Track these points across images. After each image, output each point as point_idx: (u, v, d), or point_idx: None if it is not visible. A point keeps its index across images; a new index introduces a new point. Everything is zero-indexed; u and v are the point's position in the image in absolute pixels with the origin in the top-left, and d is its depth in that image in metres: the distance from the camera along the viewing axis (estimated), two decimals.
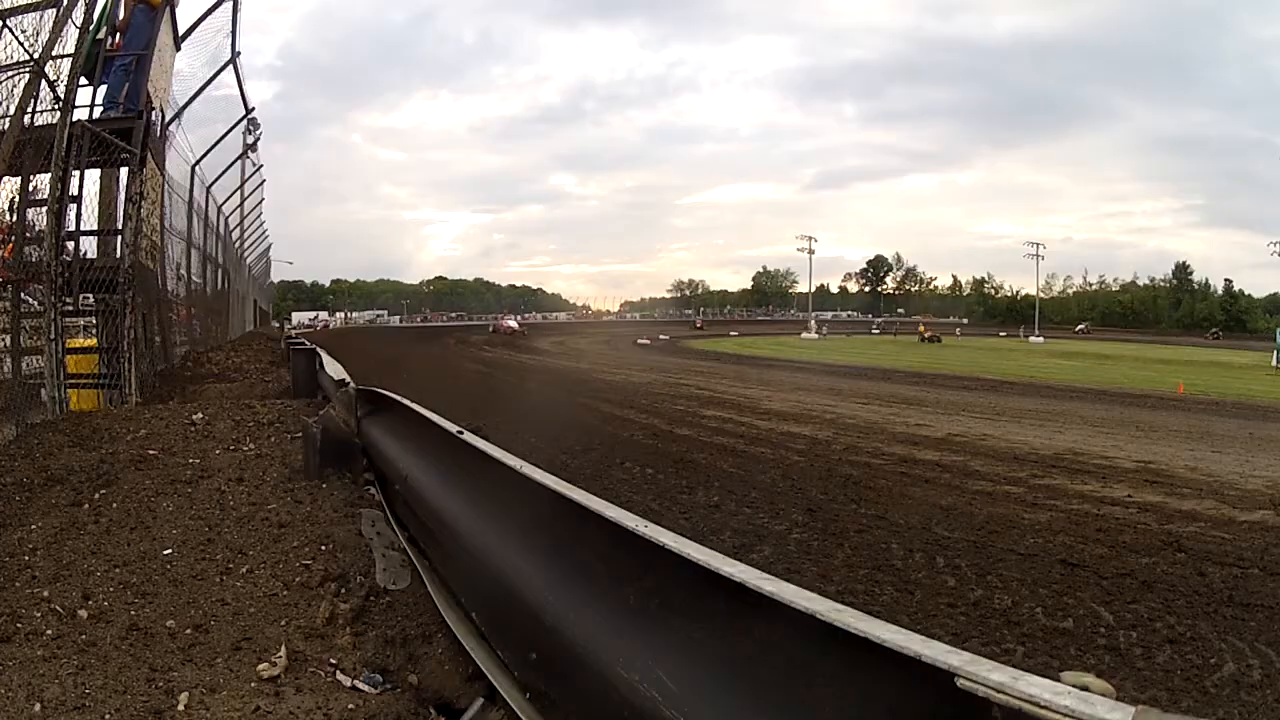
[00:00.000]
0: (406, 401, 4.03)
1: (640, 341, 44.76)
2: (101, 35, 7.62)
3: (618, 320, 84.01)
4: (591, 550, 1.86)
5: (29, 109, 6.20)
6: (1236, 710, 3.22)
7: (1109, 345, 51.24)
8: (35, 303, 7.03)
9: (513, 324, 56.38)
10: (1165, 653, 3.72)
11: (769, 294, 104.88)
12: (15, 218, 6.58)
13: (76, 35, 6.92)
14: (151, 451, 4.89)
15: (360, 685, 2.48)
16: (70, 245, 7.28)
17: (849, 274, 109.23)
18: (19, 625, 2.64)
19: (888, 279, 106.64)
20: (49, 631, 2.63)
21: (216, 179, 14.65)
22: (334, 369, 6.79)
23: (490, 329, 54.27)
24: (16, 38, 6.13)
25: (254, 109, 14.11)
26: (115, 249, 7.91)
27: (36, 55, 6.25)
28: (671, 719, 1.39)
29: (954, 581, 4.65)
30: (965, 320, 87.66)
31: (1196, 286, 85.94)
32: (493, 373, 21.94)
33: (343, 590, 3.14)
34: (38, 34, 6.32)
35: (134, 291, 7.67)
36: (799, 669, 1.29)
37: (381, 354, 25.27)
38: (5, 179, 6.17)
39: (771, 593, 1.32)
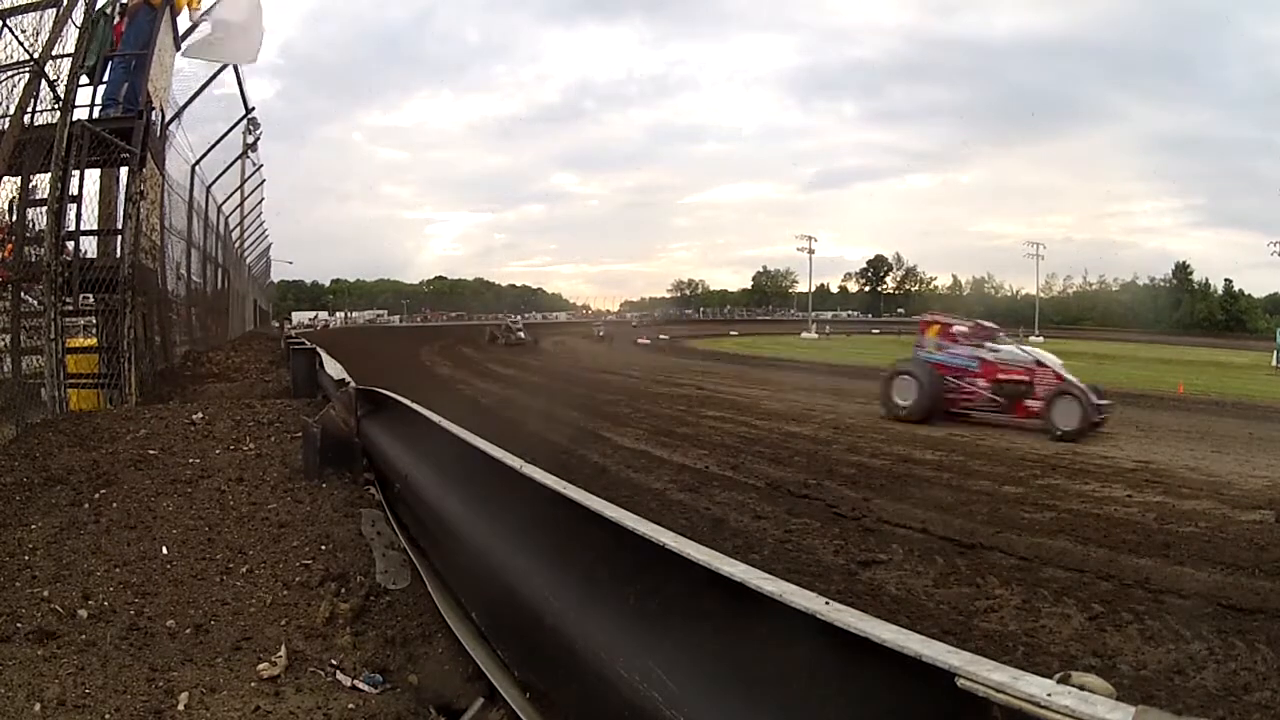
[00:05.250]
0: (406, 401, 4.03)
1: (640, 341, 44.75)
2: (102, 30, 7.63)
3: (618, 320, 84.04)
4: (592, 550, 1.86)
5: (29, 109, 6.20)
6: (1237, 710, 3.22)
7: (1109, 345, 51.24)
8: (35, 303, 7.03)
9: None
10: (1167, 653, 3.72)
11: (769, 294, 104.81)
12: (15, 218, 6.58)
13: (76, 35, 6.93)
14: (151, 451, 4.89)
15: (360, 685, 2.48)
16: (70, 245, 7.28)
17: (849, 274, 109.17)
18: (19, 625, 2.65)
19: (888, 279, 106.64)
20: (49, 631, 2.63)
21: (216, 179, 14.65)
22: (334, 369, 6.79)
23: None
24: (16, 38, 6.14)
25: (254, 108, 14.11)
26: (115, 249, 7.91)
27: (36, 55, 6.25)
28: (671, 719, 1.39)
29: (954, 581, 4.65)
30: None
31: (1196, 286, 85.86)
32: (493, 371, 21.92)
33: (343, 590, 3.14)
34: (38, 34, 6.33)
35: (134, 291, 7.67)
36: (799, 668, 1.29)
37: (382, 352, 25.35)
38: (5, 179, 6.17)
39: (772, 592, 1.32)
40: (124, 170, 8.03)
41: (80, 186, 7.22)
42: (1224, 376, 25.07)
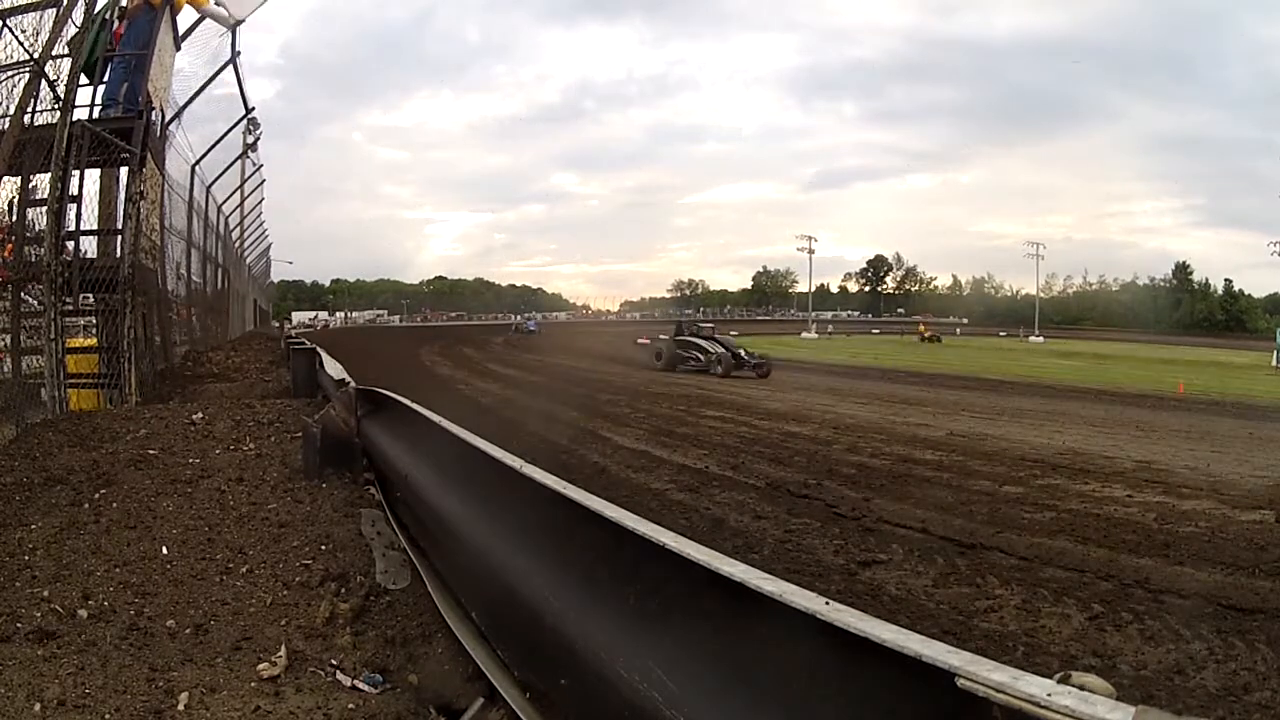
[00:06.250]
0: (406, 401, 4.03)
1: (640, 341, 44.78)
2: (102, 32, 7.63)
3: (618, 320, 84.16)
4: (592, 550, 1.86)
5: (29, 109, 6.20)
6: (1237, 710, 3.22)
7: (1109, 345, 51.24)
8: (35, 303, 7.03)
9: None
10: (1167, 653, 3.72)
11: (769, 294, 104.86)
12: (15, 218, 6.58)
13: (76, 35, 6.93)
14: (151, 451, 4.89)
15: (360, 685, 2.48)
16: (70, 245, 7.29)
17: (849, 274, 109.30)
18: (19, 625, 2.65)
19: (888, 279, 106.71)
20: (49, 631, 2.63)
21: (216, 179, 14.66)
22: (334, 369, 6.79)
23: None
24: (16, 38, 6.14)
25: (254, 108, 14.11)
26: (115, 249, 7.92)
27: (36, 55, 6.26)
28: (671, 719, 1.39)
29: (954, 581, 4.65)
30: (965, 320, 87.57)
31: (1196, 286, 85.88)
32: (494, 370, 21.94)
33: (343, 590, 3.14)
34: (38, 34, 6.33)
35: (134, 291, 7.68)
36: (799, 668, 1.29)
37: (382, 352, 25.38)
38: (5, 179, 6.17)
39: (771, 592, 1.32)
40: (124, 170, 8.04)
41: (80, 186, 7.23)
42: (1224, 376, 25.08)
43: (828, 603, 1.25)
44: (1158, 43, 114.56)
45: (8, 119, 5.97)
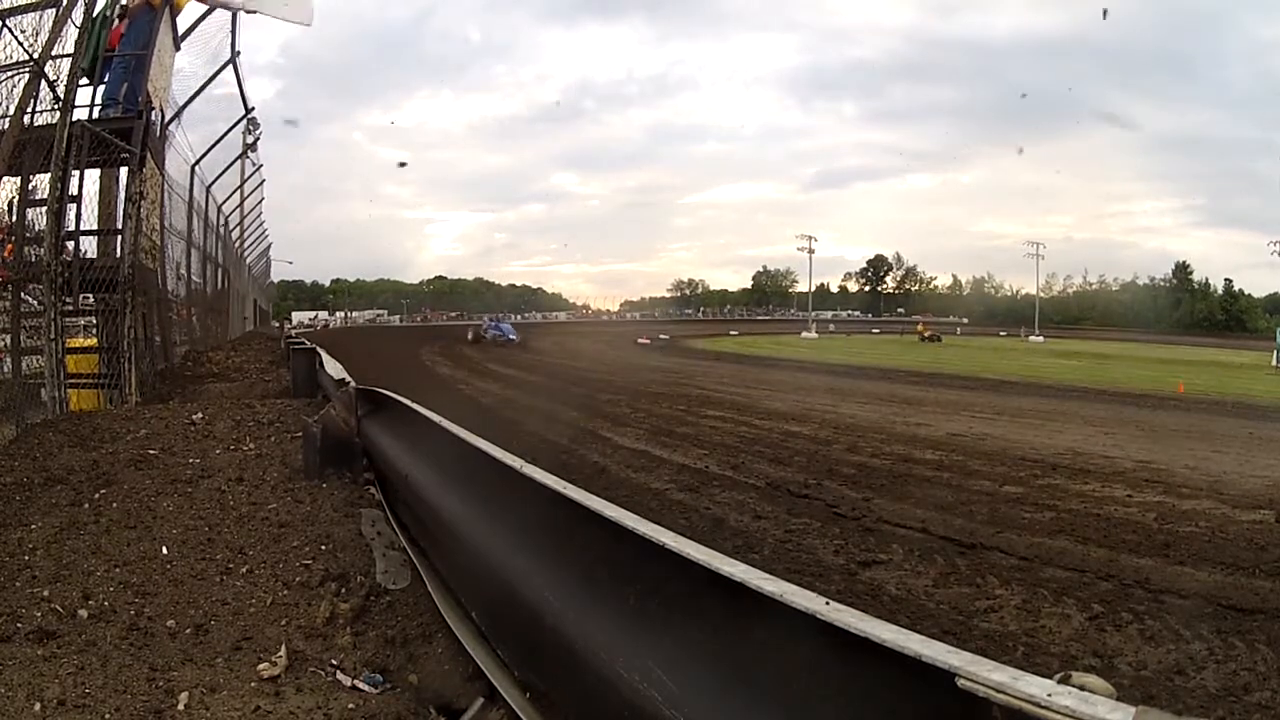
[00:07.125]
0: (406, 401, 4.03)
1: (640, 341, 44.81)
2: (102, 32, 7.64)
3: (618, 320, 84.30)
4: (591, 550, 1.86)
5: (29, 109, 6.21)
6: (1237, 710, 3.22)
7: (1109, 345, 51.24)
8: (35, 303, 7.04)
9: None
10: (1167, 653, 3.72)
11: (769, 294, 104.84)
12: (15, 218, 6.58)
13: (76, 35, 6.94)
14: (151, 451, 4.89)
15: (360, 685, 2.48)
16: (70, 245, 7.29)
17: (849, 274, 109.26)
18: (19, 625, 2.65)
19: (888, 279, 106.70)
20: (49, 631, 2.63)
21: (216, 178, 14.67)
22: (334, 369, 6.79)
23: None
24: (16, 38, 6.14)
25: (254, 108, 14.12)
26: (115, 249, 7.92)
27: (36, 55, 6.26)
28: (671, 719, 1.39)
29: (954, 581, 4.65)
30: (965, 320, 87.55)
31: (1196, 286, 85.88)
32: (493, 370, 21.94)
33: (343, 590, 3.14)
34: (38, 34, 6.34)
35: (134, 291, 7.68)
36: (799, 668, 1.29)
37: (382, 352, 25.42)
38: (5, 179, 6.18)
39: (771, 592, 1.32)
40: (124, 170, 8.05)
41: (80, 186, 7.24)
42: (1224, 376, 25.08)
43: (828, 603, 1.25)
44: (1158, 43, 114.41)
45: (8, 119, 5.97)
